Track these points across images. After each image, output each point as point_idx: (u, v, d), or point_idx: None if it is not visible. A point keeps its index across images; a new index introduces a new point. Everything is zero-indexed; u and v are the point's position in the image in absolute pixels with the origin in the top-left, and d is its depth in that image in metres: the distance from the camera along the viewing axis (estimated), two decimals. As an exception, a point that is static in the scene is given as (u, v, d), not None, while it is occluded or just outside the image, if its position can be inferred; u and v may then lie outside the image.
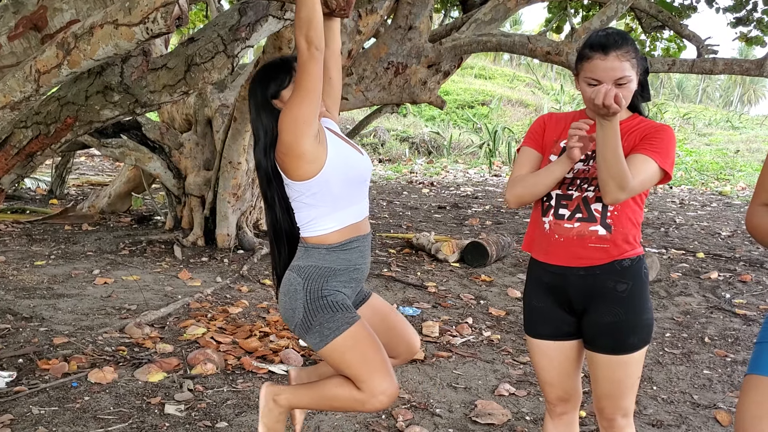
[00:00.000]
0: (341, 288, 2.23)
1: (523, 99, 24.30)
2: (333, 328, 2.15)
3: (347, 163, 2.23)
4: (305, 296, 2.17)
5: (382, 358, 2.19)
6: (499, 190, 12.92)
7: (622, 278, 2.13)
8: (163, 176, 7.10)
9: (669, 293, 5.87)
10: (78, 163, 13.07)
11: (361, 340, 2.17)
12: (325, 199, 2.19)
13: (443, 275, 6.13)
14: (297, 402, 2.32)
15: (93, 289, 5.14)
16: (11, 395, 3.29)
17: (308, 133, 2.10)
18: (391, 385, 2.18)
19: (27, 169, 3.60)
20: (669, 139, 2.11)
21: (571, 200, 2.16)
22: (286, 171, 2.19)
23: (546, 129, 2.30)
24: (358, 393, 2.18)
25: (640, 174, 2.05)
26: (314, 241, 2.23)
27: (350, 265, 2.24)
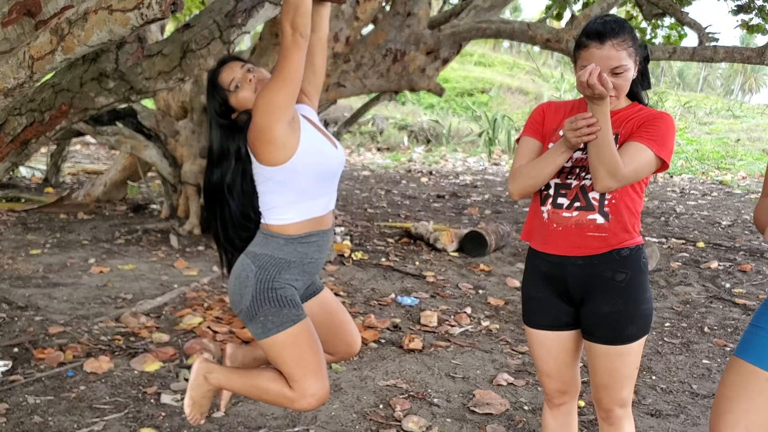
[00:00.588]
0: (293, 281, 2.21)
1: (523, 87, 24.22)
2: (277, 323, 2.14)
3: (318, 154, 2.18)
4: (255, 285, 2.15)
5: (318, 360, 2.19)
6: (498, 179, 12.89)
7: (621, 268, 2.10)
8: (159, 164, 7.06)
9: (669, 283, 5.85)
10: (73, 152, 13.02)
11: (302, 340, 2.16)
12: (291, 188, 2.15)
13: (442, 265, 6.11)
14: (227, 385, 2.30)
15: (88, 278, 5.11)
16: (6, 385, 3.26)
17: (282, 119, 2.06)
18: (321, 388, 2.18)
19: (21, 157, 3.55)
20: (667, 127, 2.07)
21: (569, 189, 2.13)
22: (256, 154, 2.15)
23: (545, 118, 2.27)
24: (288, 391, 2.18)
25: (634, 162, 2.01)
26: (274, 229, 2.19)
27: (305, 259, 2.22)
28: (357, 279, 5.38)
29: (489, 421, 3.21)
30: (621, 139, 2.09)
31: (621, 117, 2.11)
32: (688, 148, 18.25)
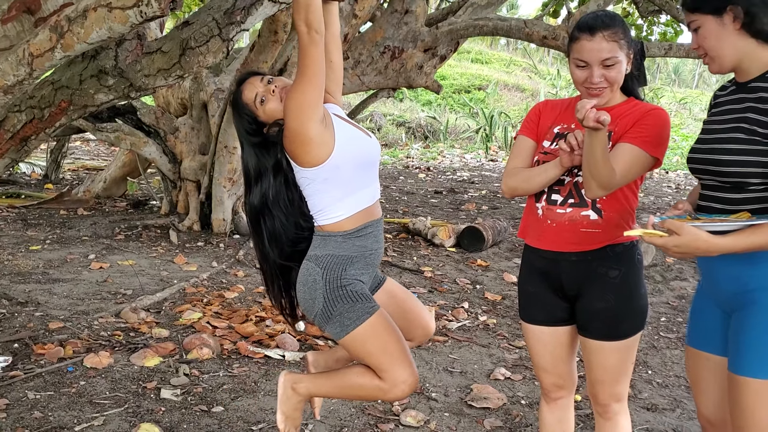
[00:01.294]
0: (359, 276, 2.22)
1: (520, 84, 24.21)
2: (354, 318, 2.15)
3: (356, 146, 2.21)
4: (324, 286, 2.16)
5: (402, 347, 2.20)
6: (495, 175, 12.91)
7: (615, 264, 2.13)
8: (159, 161, 7.08)
9: (664, 278, 5.88)
10: (73, 148, 13.02)
11: (382, 330, 2.17)
12: (336, 185, 2.18)
13: (439, 260, 6.14)
14: (317, 390, 2.31)
15: (88, 274, 5.13)
16: (6, 380, 3.29)
17: (314, 118, 2.09)
18: (412, 374, 2.19)
19: (21, 153, 3.58)
20: (660, 124, 2.08)
21: (563, 185, 2.15)
22: (295, 158, 2.17)
23: (541, 116, 2.30)
24: (380, 382, 2.19)
25: (625, 165, 2.03)
26: (329, 229, 2.21)
27: (366, 251, 2.24)
28: (355, 275, 5.40)
29: (486, 415, 3.25)
30: (615, 136, 2.11)
31: (616, 113, 2.13)
32: (683, 144, 18.26)
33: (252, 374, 3.51)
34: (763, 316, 1.77)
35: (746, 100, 1.85)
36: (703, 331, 2.01)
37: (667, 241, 1.74)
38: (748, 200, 1.81)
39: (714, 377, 1.98)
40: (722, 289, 1.90)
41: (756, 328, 1.78)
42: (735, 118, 1.86)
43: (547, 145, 2.22)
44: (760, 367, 1.75)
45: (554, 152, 2.18)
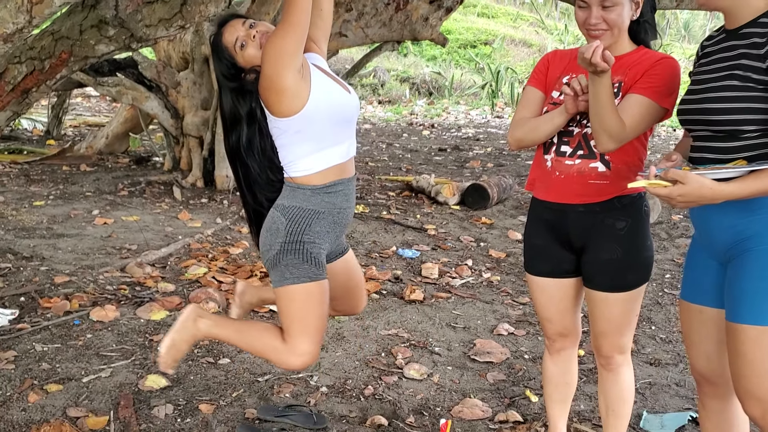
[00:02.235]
0: (323, 234, 2.21)
1: (527, 39, 23.88)
2: (295, 274, 2.15)
3: (332, 100, 2.16)
4: (285, 236, 2.15)
5: (321, 325, 2.21)
6: (501, 131, 12.82)
7: (622, 215, 2.11)
8: (161, 116, 7.03)
9: (670, 235, 5.87)
10: (74, 104, 12.94)
11: (312, 299, 2.18)
12: (308, 138, 2.14)
13: (443, 218, 6.12)
14: (217, 332, 2.28)
15: (93, 229, 5.14)
16: (14, 332, 3.31)
17: (290, 67, 2.04)
18: (312, 351, 2.19)
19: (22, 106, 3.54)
20: (670, 73, 2.04)
21: (572, 136, 2.13)
22: (269, 106, 2.14)
23: (550, 67, 2.27)
24: (280, 343, 2.19)
25: (635, 117, 2.00)
26: (299, 181, 2.19)
27: (334, 209, 2.22)
28: (358, 232, 5.40)
29: (489, 369, 3.27)
30: (625, 87, 2.07)
31: (625, 62, 2.09)
32: (692, 101, 18.09)
33: (257, 328, 3.53)
34: (759, 262, 1.76)
35: (738, 47, 1.80)
36: (698, 284, 2.00)
37: (671, 191, 1.72)
38: (743, 148, 1.78)
39: (708, 331, 1.98)
40: (717, 240, 1.88)
41: (753, 275, 1.77)
42: (727, 66, 1.81)
43: (556, 95, 2.19)
44: (758, 314, 1.74)
45: (561, 102, 2.15)
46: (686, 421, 2.81)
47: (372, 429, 2.68)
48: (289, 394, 2.91)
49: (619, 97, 2.07)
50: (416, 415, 2.80)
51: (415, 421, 2.75)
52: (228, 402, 2.81)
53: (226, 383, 2.97)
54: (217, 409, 2.75)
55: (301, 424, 2.65)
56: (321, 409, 2.79)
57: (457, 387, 3.07)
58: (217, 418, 2.68)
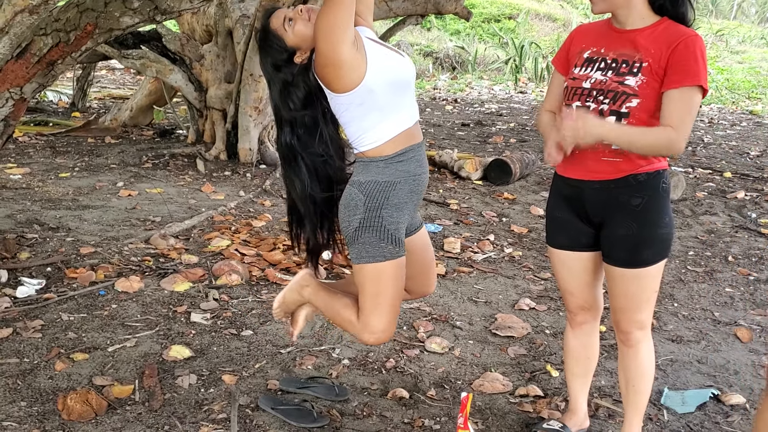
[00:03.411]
0: (402, 207, 2.20)
1: (552, 13, 23.57)
2: (372, 253, 2.16)
3: (389, 67, 2.15)
4: (364, 213, 2.15)
5: (395, 303, 2.23)
6: (524, 107, 12.71)
7: (637, 192, 2.10)
8: (184, 89, 7.04)
9: (694, 212, 5.81)
10: (99, 76, 13.00)
11: (387, 278, 2.19)
12: (372, 108, 2.13)
13: (465, 193, 6.11)
14: (313, 300, 2.38)
15: (117, 201, 5.19)
16: (41, 302, 3.37)
17: (345, 40, 2.02)
18: (385, 329, 2.22)
19: (48, 78, 3.56)
20: (697, 54, 2.00)
21: (588, 112, 2.11)
22: (328, 84, 2.12)
23: (572, 43, 2.28)
24: (355, 320, 2.25)
25: (681, 113, 1.98)
26: (370, 154, 2.18)
27: (408, 176, 2.20)
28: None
29: (510, 343, 3.27)
30: (647, 68, 2.02)
31: (646, 36, 2.06)
32: (718, 77, 17.78)
33: (279, 300, 3.56)
34: None
35: None
36: None
37: None
38: None
39: None
40: None
41: None
42: None
43: (576, 71, 2.19)
44: None
45: (581, 78, 2.15)
46: (708, 398, 2.80)
47: (393, 401, 2.70)
48: (311, 366, 2.94)
49: (638, 76, 2.03)
50: (437, 389, 2.82)
51: (436, 394, 2.77)
52: (251, 373, 2.85)
53: (249, 355, 3.00)
54: (240, 380, 2.79)
55: (323, 396, 2.68)
56: (343, 382, 2.82)
57: (478, 361, 3.08)
58: (240, 388, 2.72)
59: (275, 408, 2.56)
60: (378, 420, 2.57)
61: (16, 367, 2.78)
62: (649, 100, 2.03)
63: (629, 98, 2.04)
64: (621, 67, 2.08)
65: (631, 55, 2.07)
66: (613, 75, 2.08)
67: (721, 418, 2.71)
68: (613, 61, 2.10)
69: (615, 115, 2.06)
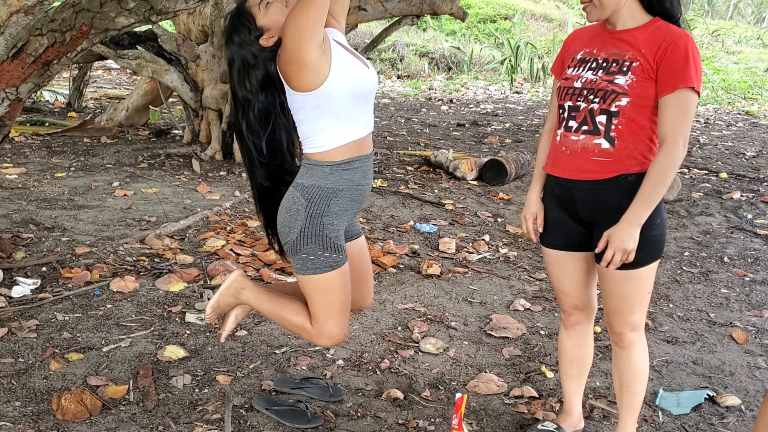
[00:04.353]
0: (341, 215, 2.20)
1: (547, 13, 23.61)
2: (317, 264, 2.16)
3: (352, 76, 2.14)
4: (305, 219, 2.15)
5: (345, 306, 2.25)
6: (519, 107, 12.72)
7: (627, 193, 2.08)
8: (180, 89, 7.04)
9: (689, 213, 5.82)
10: (95, 77, 12.99)
11: (334, 286, 2.20)
12: (327, 113, 2.12)
13: (461, 193, 6.11)
14: (255, 304, 2.37)
15: (113, 201, 5.18)
16: (36, 302, 3.36)
17: (313, 41, 2.01)
18: (339, 333, 2.27)
19: (44, 78, 3.56)
20: (690, 55, 1.99)
21: (578, 112, 2.13)
22: (288, 80, 2.11)
23: (568, 48, 2.29)
24: (309, 327, 2.27)
25: (677, 119, 1.99)
26: (317, 158, 2.17)
27: (352, 185, 2.20)
28: (376, 206, 5.41)
29: (505, 344, 3.28)
30: (643, 65, 2.02)
31: (637, 36, 2.06)
32: (714, 77, 17.82)
33: (274, 301, 3.55)
34: None
35: None
36: None
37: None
38: None
39: None
40: None
41: None
42: None
43: (569, 71, 2.21)
44: None
45: (573, 78, 2.16)
46: (703, 400, 2.81)
47: (388, 402, 2.70)
48: (306, 367, 2.94)
49: (627, 75, 2.04)
50: (432, 389, 2.82)
51: (431, 395, 2.77)
52: (245, 373, 2.85)
53: (244, 355, 3.00)
54: (235, 380, 2.79)
55: (318, 396, 2.68)
56: (337, 382, 2.82)
57: (473, 362, 3.09)
58: (234, 389, 2.72)
59: (269, 408, 2.56)
60: (372, 421, 2.57)
61: (10, 367, 2.77)
62: (639, 99, 2.03)
63: (619, 97, 2.04)
64: (611, 66, 2.08)
65: (621, 55, 2.08)
66: (604, 74, 2.08)
67: (717, 419, 2.71)
68: (604, 61, 2.11)
69: (605, 114, 2.06)
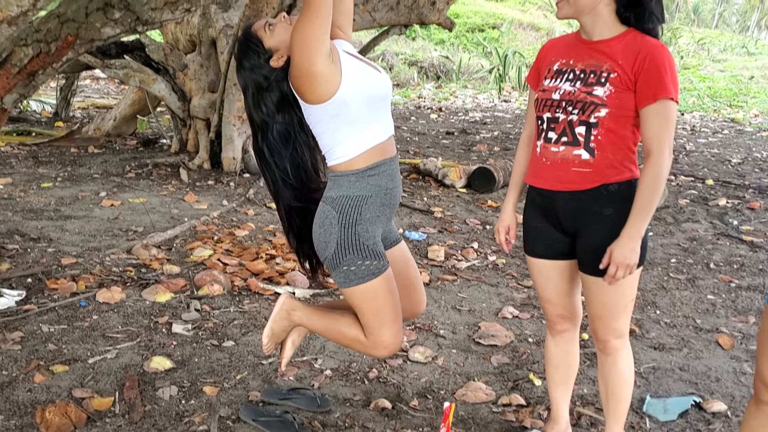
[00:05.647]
0: (375, 220, 2.19)
1: (535, 22, 23.74)
2: (359, 274, 2.15)
3: (364, 80, 2.15)
4: (339, 231, 2.14)
5: (395, 313, 2.22)
6: (508, 116, 12.78)
7: (608, 203, 2.09)
8: (168, 98, 7.03)
9: (676, 219, 5.85)
10: (83, 86, 12.95)
11: (381, 293, 2.18)
12: (345, 121, 2.12)
13: (450, 201, 6.12)
14: (308, 323, 2.35)
15: (100, 211, 5.16)
16: (21, 314, 3.34)
17: (320, 52, 2.02)
18: (395, 341, 2.23)
19: (29, 88, 3.55)
20: (667, 66, 2.00)
21: (558, 123, 2.13)
22: (302, 94, 2.12)
23: (542, 58, 2.29)
24: (363, 339, 2.24)
25: (659, 128, 1.99)
26: (341, 168, 2.17)
27: (380, 190, 2.20)
28: (365, 214, 5.40)
29: (494, 352, 3.28)
30: (620, 76, 2.02)
31: (612, 47, 2.07)
32: (700, 85, 17.97)
33: (262, 310, 3.55)
34: None
35: None
36: None
37: None
38: None
39: None
40: None
41: None
42: None
43: (546, 83, 2.20)
44: None
45: (551, 89, 2.16)
46: (689, 406, 2.81)
47: (376, 412, 2.69)
48: (294, 377, 2.93)
49: (606, 86, 2.04)
50: (420, 399, 2.82)
51: (419, 405, 2.77)
52: (232, 384, 2.83)
53: (230, 366, 2.99)
54: (221, 391, 2.77)
55: (305, 407, 2.66)
56: (325, 392, 2.80)
57: (462, 370, 3.08)
58: (221, 400, 2.70)
59: (256, 419, 2.54)
60: (360, 431, 2.56)
61: (-6, 380, 2.74)
62: (617, 110, 2.04)
63: (597, 108, 2.05)
64: (589, 77, 2.08)
65: (598, 66, 2.08)
66: (582, 85, 2.09)
67: (703, 425, 2.72)
68: (581, 72, 2.11)
69: (584, 125, 2.07)
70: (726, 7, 31.80)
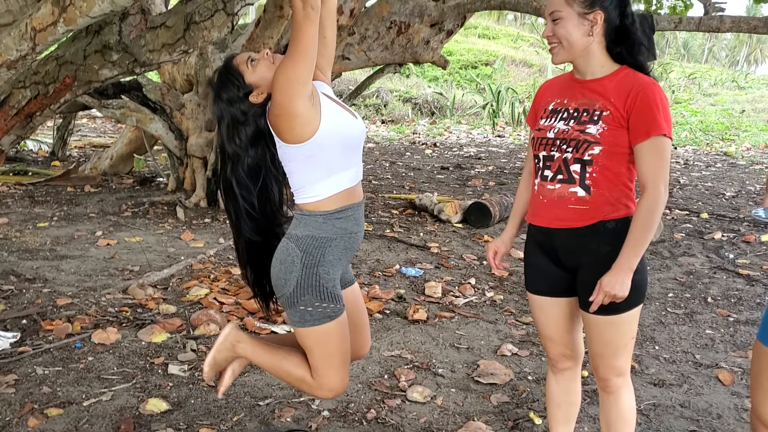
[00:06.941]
0: (336, 264, 2.20)
1: (527, 59, 24.02)
2: (315, 316, 2.15)
3: (341, 126, 2.17)
4: (301, 270, 2.14)
5: (344, 357, 2.23)
6: (502, 150, 12.85)
7: (607, 240, 2.10)
8: (165, 137, 7.06)
9: (672, 254, 5.86)
10: (80, 125, 13.01)
11: (334, 337, 2.19)
12: (318, 164, 2.14)
13: (446, 236, 6.12)
14: (252, 357, 2.32)
15: (96, 251, 5.14)
16: (15, 356, 3.30)
17: (302, 94, 2.05)
18: (341, 384, 2.25)
19: (27, 129, 3.57)
20: (659, 103, 2.02)
21: (553, 161, 2.15)
22: (279, 133, 2.14)
23: (539, 100, 2.33)
24: (309, 379, 2.24)
25: (655, 164, 2.01)
26: (310, 208, 2.18)
27: (345, 233, 2.21)
28: (361, 250, 5.40)
29: (493, 390, 3.25)
30: (613, 114, 2.05)
31: (605, 85, 2.10)
32: (692, 119, 18.14)
33: (259, 350, 3.51)
34: None
35: None
36: None
37: None
38: None
39: None
40: None
41: None
42: None
43: (542, 122, 2.23)
44: None
45: (546, 129, 2.19)
46: (691, 443, 2.79)
47: (374, 452, 2.66)
48: (291, 419, 2.90)
49: (599, 124, 2.07)
50: (419, 438, 2.78)
51: (418, 444, 2.73)
52: (229, 426, 2.80)
53: (227, 407, 2.96)
54: (219, 432, 2.74)
55: (303, 448, 2.63)
56: (323, 433, 2.77)
57: (461, 410, 3.05)
58: (219, 441, 2.67)
59: (254, 462, 2.51)
60: (359, 472, 2.52)
61: (-12, 425, 2.71)
62: (611, 147, 2.06)
63: (591, 146, 2.07)
64: (582, 116, 2.11)
65: (591, 104, 2.11)
66: (575, 124, 2.11)
67: (705, 463, 2.69)
68: (575, 111, 2.14)
69: (579, 163, 2.08)
70: (715, 42, 32.23)
